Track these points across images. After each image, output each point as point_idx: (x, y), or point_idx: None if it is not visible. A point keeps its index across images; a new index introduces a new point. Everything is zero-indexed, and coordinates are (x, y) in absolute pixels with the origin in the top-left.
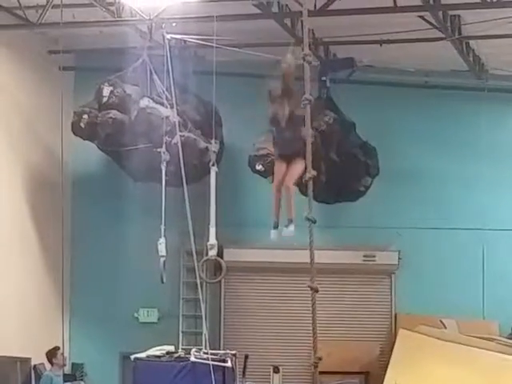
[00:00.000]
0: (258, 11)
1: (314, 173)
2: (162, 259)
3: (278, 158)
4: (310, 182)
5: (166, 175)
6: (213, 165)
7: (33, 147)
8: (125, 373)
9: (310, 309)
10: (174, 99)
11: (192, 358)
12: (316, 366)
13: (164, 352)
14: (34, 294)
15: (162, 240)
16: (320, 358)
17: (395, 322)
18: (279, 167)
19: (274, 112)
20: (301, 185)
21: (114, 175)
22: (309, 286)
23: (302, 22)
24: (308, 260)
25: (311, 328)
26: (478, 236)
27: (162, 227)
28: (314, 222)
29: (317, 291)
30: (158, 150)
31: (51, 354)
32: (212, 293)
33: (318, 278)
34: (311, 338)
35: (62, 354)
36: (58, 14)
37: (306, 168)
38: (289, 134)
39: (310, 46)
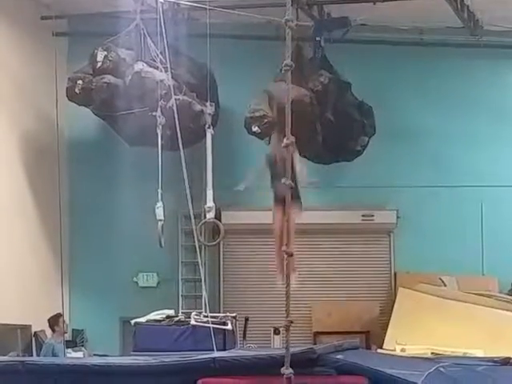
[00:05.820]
0: None
1: (292, 139)
2: (160, 223)
3: (276, 204)
4: (289, 148)
5: (161, 139)
6: (208, 127)
7: (27, 114)
8: (125, 338)
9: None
10: (168, 63)
11: (192, 322)
12: (288, 329)
13: (164, 316)
14: (34, 261)
15: (160, 204)
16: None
17: (395, 281)
18: (279, 214)
19: (271, 153)
20: (301, 146)
21: (109, 140)
22: (284, 251)
23: None
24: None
25: (311, 289)
26: (477, 193)
27: (159, 191)
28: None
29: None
30: (154, 113)
31: (53, 321)
32: (211, 256)
33: (317, 238)
34: (311, 299)
35: (64, 321)
36: None
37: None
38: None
39: (303, 6)
